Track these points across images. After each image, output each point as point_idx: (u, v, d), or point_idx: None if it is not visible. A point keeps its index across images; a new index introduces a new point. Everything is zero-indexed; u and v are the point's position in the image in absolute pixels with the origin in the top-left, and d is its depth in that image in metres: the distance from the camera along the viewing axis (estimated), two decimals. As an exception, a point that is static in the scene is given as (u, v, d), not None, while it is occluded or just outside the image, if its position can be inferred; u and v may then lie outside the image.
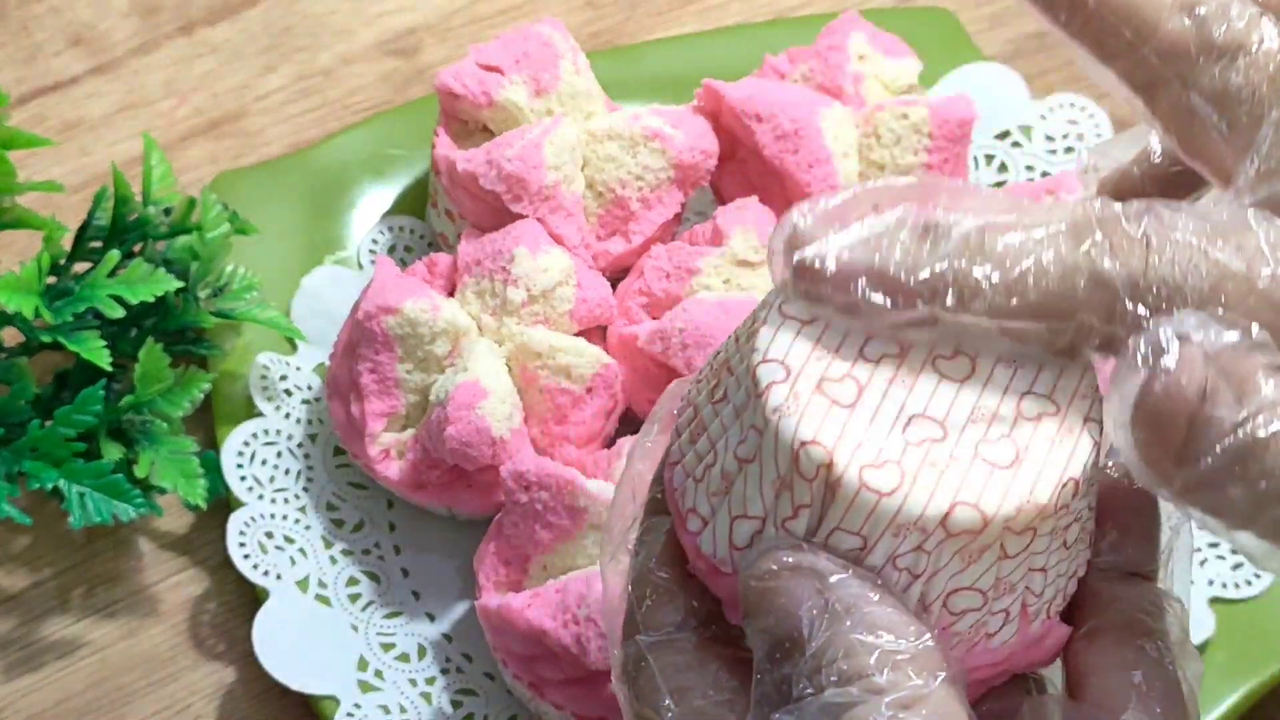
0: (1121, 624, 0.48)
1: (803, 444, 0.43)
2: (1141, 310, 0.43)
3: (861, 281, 0.44)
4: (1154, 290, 0.43)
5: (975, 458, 0.44)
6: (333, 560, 0.70)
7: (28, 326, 0.70)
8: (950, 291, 0.44)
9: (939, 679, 0.43)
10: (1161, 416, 0.42)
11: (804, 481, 0.44)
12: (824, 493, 0.43)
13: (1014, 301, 0.44)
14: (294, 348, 0.74)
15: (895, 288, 0.44)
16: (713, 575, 0.47)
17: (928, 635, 0.43)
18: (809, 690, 0.43)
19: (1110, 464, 0.49)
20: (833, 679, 0.43)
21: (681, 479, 0.47)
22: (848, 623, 0.43)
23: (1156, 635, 0.48)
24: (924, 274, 0.44)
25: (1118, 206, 0.44)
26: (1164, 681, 0.47)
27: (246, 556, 0.69)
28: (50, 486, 0.68)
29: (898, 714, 0.42)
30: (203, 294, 0.72)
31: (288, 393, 0.73)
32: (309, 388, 0.73)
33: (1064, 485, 0.44)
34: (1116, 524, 0.49)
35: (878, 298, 0.44)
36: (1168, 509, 0.50)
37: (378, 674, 0.68)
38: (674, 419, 0.49)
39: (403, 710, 0.68)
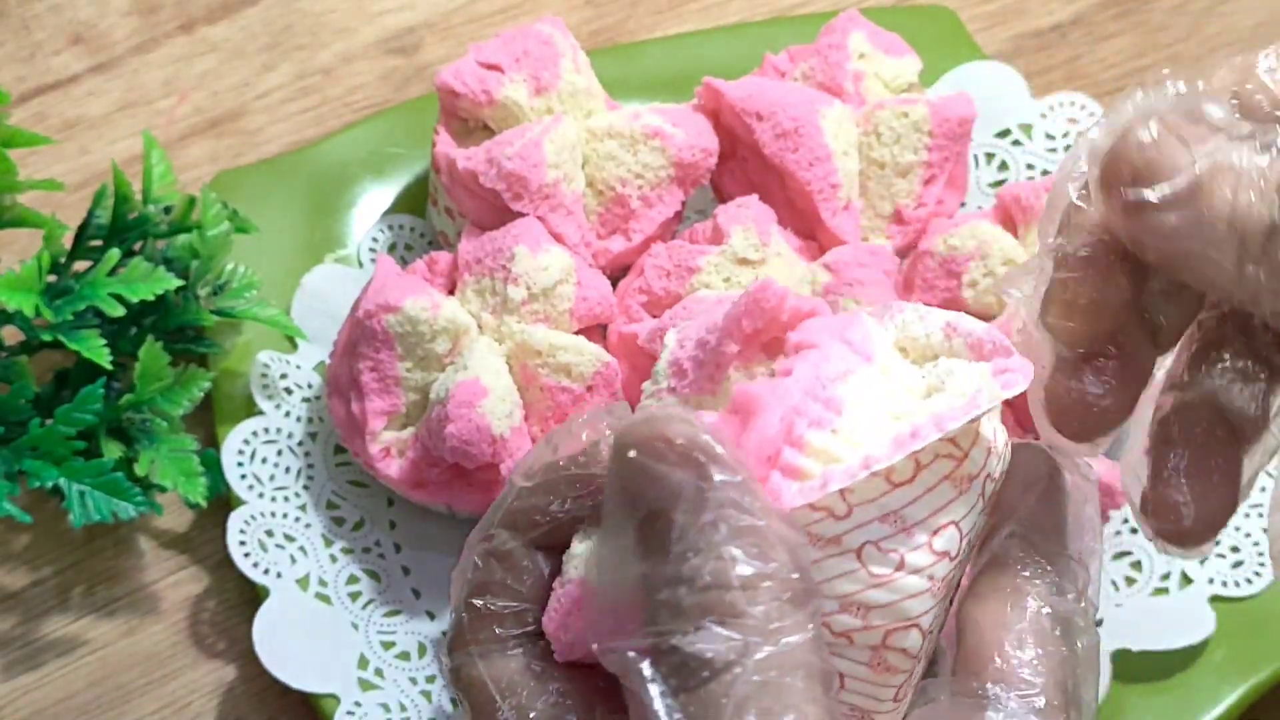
0: (1010, 587, 0.48)
1: None
2: None
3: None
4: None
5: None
6: (333, 558, 0.70)
7: (28, 325, 0.70)
8: None
9: (808, 631, 0.42)
10: (1113, 159, 0.46)
11: None
12: None
13: None
14: (294, 346, 0.74)
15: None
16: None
17: (800, 570, 0.43)
18: (667, 598, 0.42)
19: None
20: (695, 589, 0.42)
21: None
22: (722, 530, 0.42)
23: (1038, 595, 0.48)
24: None
25: None
26: (1038, 639, 0.47)
27: (246, 555, 0.69)
28: (50, 485, 0.68)
29: (766, 678, 0.41)
30: (203, 292, 0.72)
31: (288, 391, 0.73)
32: (309, 386, 0.73)
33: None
34: (1028, 493, 0.50)
35: None
36: (1076, 482, 0.51)
37: (378, 672, 0.68)
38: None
39: (403, 708, 0.68)
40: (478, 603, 0.49)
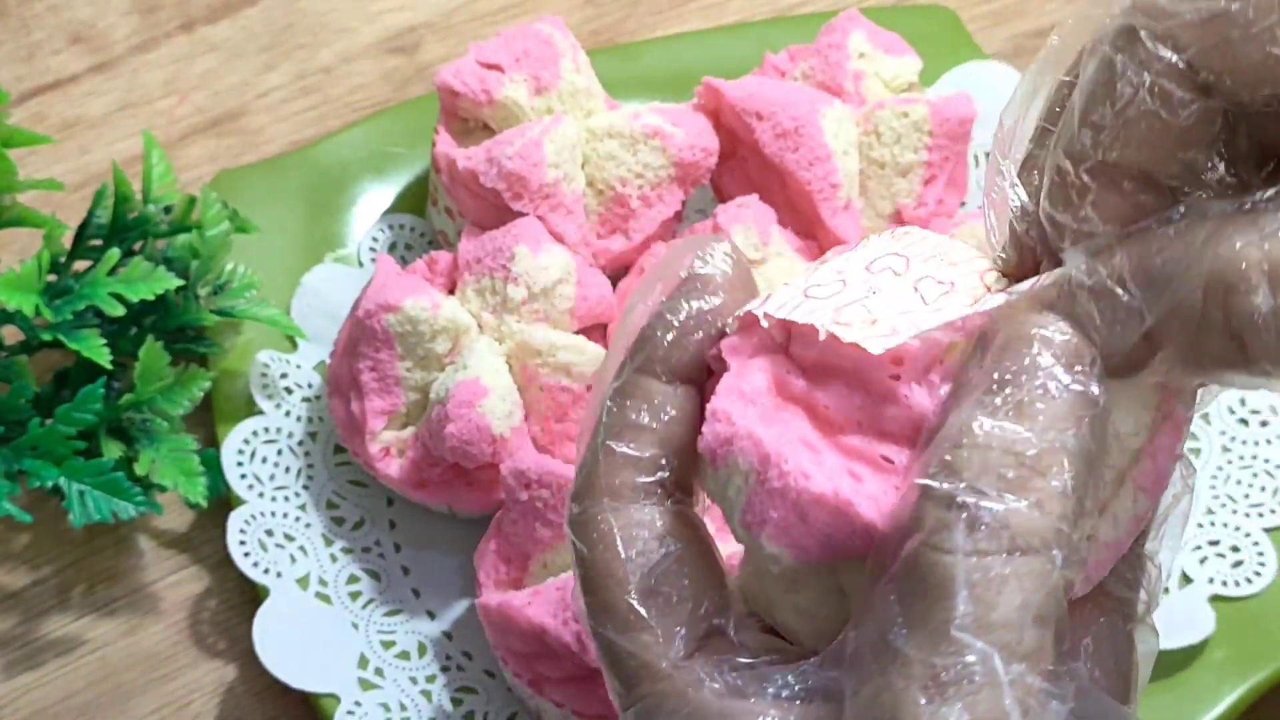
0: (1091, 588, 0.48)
1: None
2: None
3: None
4: None
5: None
6: (333, 558, 0.70)
7: (28, 325, 0.70)
8: None
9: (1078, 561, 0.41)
10: None
11: None
12: None
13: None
14: (294, 345, 0.74)
15: None
16: None
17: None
18: (996, 459, 0.40)
19: None
20: (1032, 468, 0.40)
21: None
22: (1068, 414, 0.41)
23: (1121, 605, 0.48)
24: None
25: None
26: (1113, 651, 0.47)
27: (247, 554, 0.69)
28: (50, 484, 0.68)
29: (1060, 580, 0.40)
30: (203, 292, 0.72)
31: (288, 390, 0.73)
32: (309, 385, 0.73)
33: None
34: None
35: None
36: (1172, 479, 0.50)
37: (378, 672, 0.68)
38: (680, 280, 0.47)
39: (403, 708, 0.68)
40: (615, 446, 0.46)
